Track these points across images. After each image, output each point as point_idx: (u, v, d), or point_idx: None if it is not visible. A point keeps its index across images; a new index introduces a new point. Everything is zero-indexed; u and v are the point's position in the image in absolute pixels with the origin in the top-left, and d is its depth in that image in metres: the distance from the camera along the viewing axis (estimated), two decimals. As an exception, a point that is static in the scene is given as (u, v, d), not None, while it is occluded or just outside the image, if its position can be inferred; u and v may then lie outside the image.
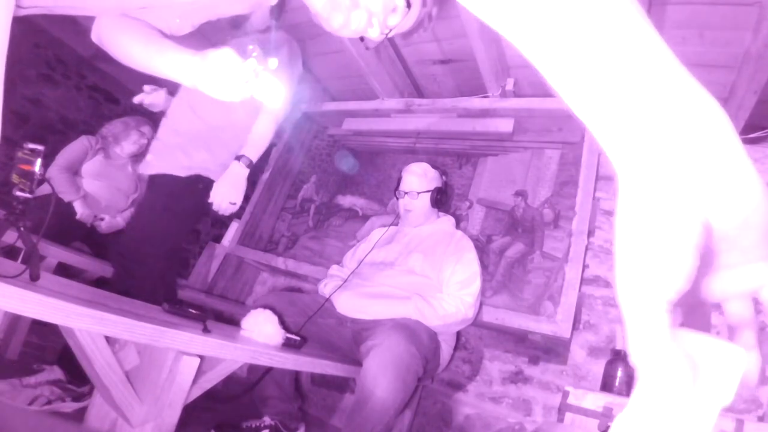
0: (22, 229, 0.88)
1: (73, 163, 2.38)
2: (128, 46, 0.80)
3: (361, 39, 0.84)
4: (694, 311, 0.27)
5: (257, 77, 0.82)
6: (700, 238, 0.21)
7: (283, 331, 1.32)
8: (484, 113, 2.32)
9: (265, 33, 1.70)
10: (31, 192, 0.88)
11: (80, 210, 2.28)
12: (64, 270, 1.92)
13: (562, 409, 1.39)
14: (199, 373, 1.00)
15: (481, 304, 1.77)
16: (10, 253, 1.01)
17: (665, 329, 0.21)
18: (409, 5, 0.83)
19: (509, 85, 2.22)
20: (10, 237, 0.91)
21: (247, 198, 2.80)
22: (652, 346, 0.20)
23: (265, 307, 1.42)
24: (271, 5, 0.92)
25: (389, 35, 0.82)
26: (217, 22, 0.95)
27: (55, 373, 1.46)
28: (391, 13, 0.82)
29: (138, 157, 2.60)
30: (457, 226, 1.94)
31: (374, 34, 0.78)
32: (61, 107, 3.38)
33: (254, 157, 1.65)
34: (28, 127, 3.16)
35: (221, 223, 4.09)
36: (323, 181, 2.69)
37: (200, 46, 0.85)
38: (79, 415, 1.06)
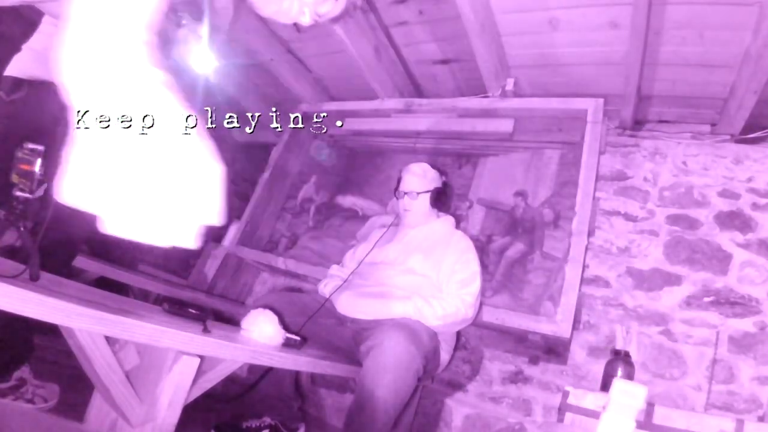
0: (22, 229, 0.88)
1: None
2: None
3: (295, 25, 0.94)
4: None
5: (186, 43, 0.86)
6: None
7: (283, 331, 1.32)
8: (484, 113, 2.32)
9: None
10: (31, 192, 0.88)
11: None
12: (64, 270, 1.91)
13: (562, 409, 1.39)
14: (199, 373, 1.00)
15: (481, 304, 1.77)
16: (10, 253, 1.01)
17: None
18: None
19: (509, 85, 2.22)
20: (10, 237, 0.91)
21: (247, 198, 2.82)
22: None
23: (265, 307, 1.42)
24: None
25: (320, 21, 0.93)
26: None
27: None
28: (322, 1, 0.92)
29: None
30: (457, 226, 1.94)
31: (305, 21, 0.87)
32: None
33: None
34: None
35: (221, 223, 4.09)
36: (323, 181, 2.69)
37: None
38: (80, 415, 1.06)
